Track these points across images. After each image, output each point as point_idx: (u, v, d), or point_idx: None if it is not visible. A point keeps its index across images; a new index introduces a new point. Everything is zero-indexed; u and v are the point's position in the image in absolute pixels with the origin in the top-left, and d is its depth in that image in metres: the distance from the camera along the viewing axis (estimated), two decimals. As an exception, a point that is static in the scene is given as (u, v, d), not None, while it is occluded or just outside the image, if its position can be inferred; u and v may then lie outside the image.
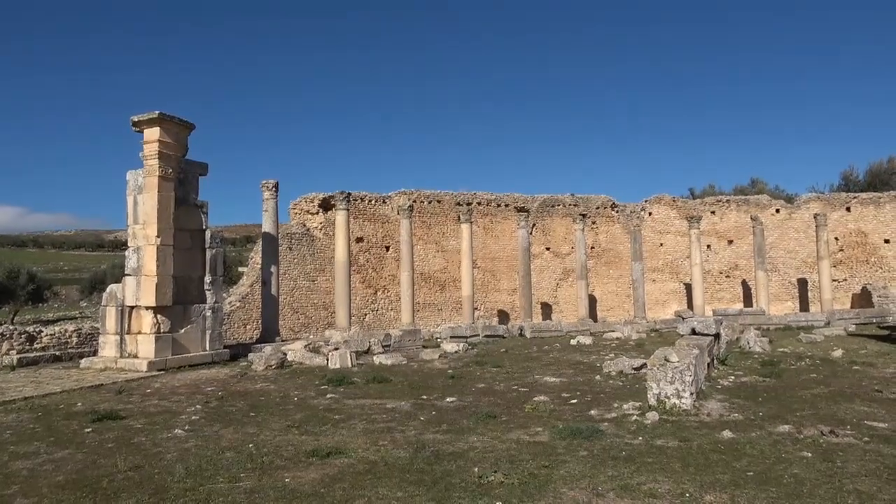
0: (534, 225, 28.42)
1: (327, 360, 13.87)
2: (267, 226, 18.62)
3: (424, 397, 9.50)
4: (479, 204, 27.88)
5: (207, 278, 15.11)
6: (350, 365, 13.54)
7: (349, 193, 21.43)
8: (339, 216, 20.75)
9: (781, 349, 14.57)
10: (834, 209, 28.84)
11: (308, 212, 23.74)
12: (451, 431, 7.07)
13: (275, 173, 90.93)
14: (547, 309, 28.61)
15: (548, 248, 29.22)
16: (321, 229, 23.45)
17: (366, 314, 24.22)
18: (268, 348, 15.37)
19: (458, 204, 26.91)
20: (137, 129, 14.21)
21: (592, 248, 29.14)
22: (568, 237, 28.58)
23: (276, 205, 18.78)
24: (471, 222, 24.66)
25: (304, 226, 23.30)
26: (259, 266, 19.51)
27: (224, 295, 18.96)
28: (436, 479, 5.22)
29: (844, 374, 10.69)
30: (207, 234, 15.29)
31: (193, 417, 8.21)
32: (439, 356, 15.18)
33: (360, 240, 24.41)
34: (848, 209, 29.09)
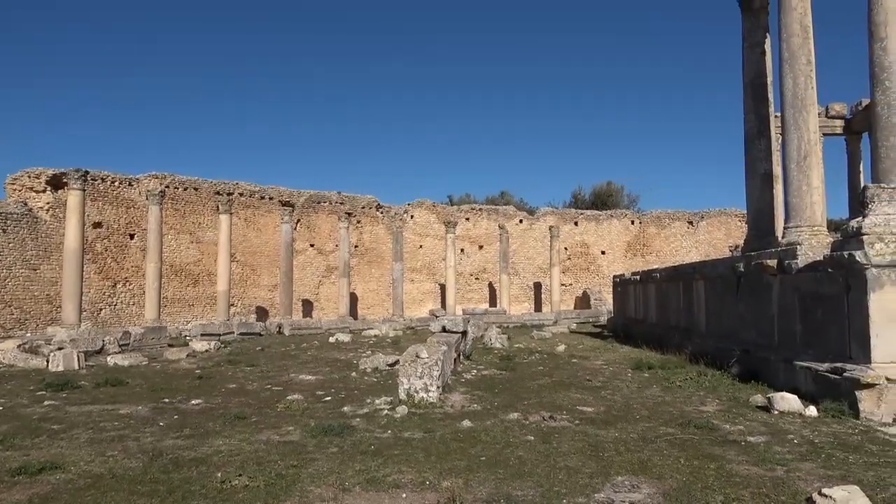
0: (298, 220, 27.96)
1: (48, 361, 12.05)
2: (-27, 202, 15.54)
3: (166, 400, 8.75)
4: (241, 195, 26.60)
5: None
6: (77, 367, 11.94)
7: (87, 171, 18.90)
8: (73, 197, 18.19)
9: (517, 345, 16.27)
10: (565, 223, 33.13)
11: (32, 189, 20.38)
12: (195, 436, 6.62)
13: (-11, 140, 76.18)
14: (308, 306, 28.33)
15: (312, 245, 28.97)
16: (49, 210, 20.32)
17: (101, 309, 21.56)
18: (-33, 348, 12.84)
19: (218, 193, 25.34)
20: None
21: (357, 246, 29.59)
22: (333, 235, 28.64)
23: (-13, 178, 15.77)
24: (231, 213, 23.41)
25: (26, 205, 19.97)
26: (-40, 250, 16.21)
27: None
28: (172, 489, 4.84)
29: (565, 366, 12.31)
30: None
31: None
32: (187, 355, 14.13)
33: (98, 225, 21.66)
34: (576, 223, 33.65)
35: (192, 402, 8.60)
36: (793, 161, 11.15)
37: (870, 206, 7.79)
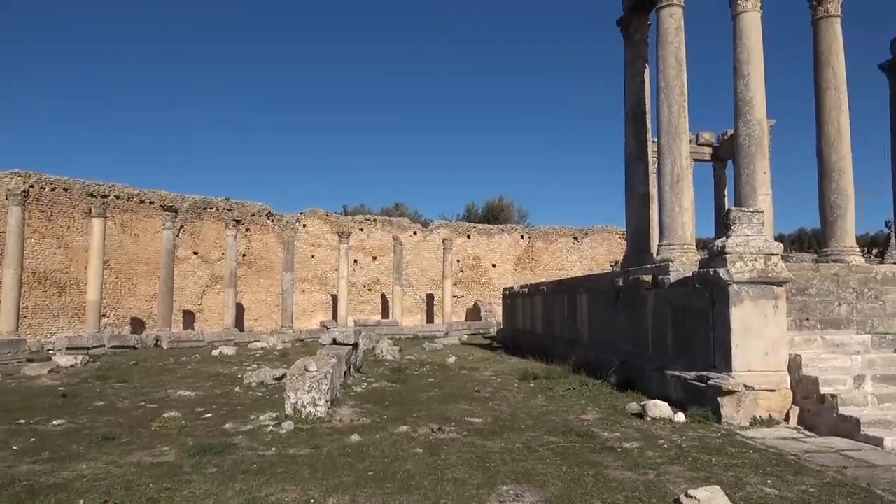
0: (181, 227, 26.52)
1: None
2: None
3: (22, 421, 7.95)
4: (117, 197, 24.84)
5: None
6: (-86, 385, 10.59)
7: (-66, 167, 16.92)
8: (-85, 194, 16.19)
9: (409, 357, 16.26)
10: (458, 235, 33.67)
11: None
12: (55, 460, 6.05)
13: None
14: (190, 317, 26.88)
15: (196, 253, 27.57)
16: None
17: (-53, 320, 19.29)
18: None
19: (91, 195, 23.53)
20: None
21: (245, 255, 28.50)
22: (219, 242, 27.41)
23: None
24: (105, 217, 21.79)
25: None
26: None
27: None
28: (25, 520, 4.38)
29: (455, 377, 12.44)
30: None
31: None
32: (49, 371, 12.95)
33: (-54, 226, 19.43)
34: (469, 237, 34.29)
35: (53, 422, 7.87)
36: (667, 184, 11.99)
37: (732, 227, 8.51)
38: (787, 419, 7.78)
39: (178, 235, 25.51)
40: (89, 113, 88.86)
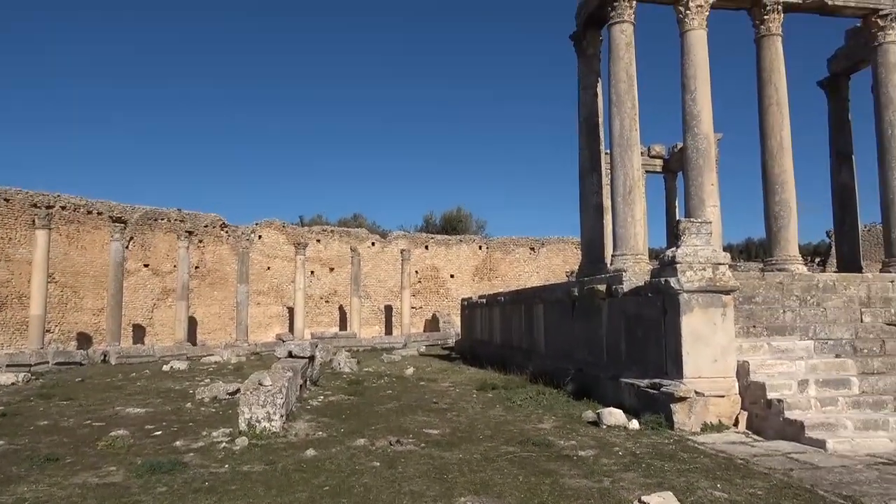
0: (131, 238, 25.78)
1: None
2: None
3: (-43, 443, 7.57)
4: (63, 208, 23.97)
5: None
6: None
7: None
8: None
9: (367, 369, 16.13)
10: (417, 246, 33.64)
11: None
12: (-8, 483, 5.78)
13: None
14: (140, 332, 26.10)
15: (146, 265, 26.82)
16: None
17: None
18: None
19: (35, 206, 22.62)
20: None
21: (198, 267, 27.86)
22: (171, 254, 26.72)
23: None
24: (50, 229, 20.99)
25: None
26: None
27: None
28: (-42, 548, 4.16)
29: (413, 389, 12.38)
30: None
31: None
32: (-12, 390, 12.37)
33: None
34: (427, 247, 34.30)
35: (-8, 443, 7.52)
36: (619, 195, 12.25)
37: (682, 237, 8.75)
38: (736, 424, 8.00)
39: (127, 247, 24.78)
40: (33, 118, 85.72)
